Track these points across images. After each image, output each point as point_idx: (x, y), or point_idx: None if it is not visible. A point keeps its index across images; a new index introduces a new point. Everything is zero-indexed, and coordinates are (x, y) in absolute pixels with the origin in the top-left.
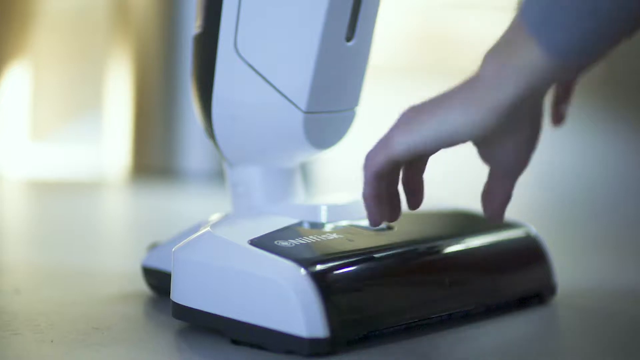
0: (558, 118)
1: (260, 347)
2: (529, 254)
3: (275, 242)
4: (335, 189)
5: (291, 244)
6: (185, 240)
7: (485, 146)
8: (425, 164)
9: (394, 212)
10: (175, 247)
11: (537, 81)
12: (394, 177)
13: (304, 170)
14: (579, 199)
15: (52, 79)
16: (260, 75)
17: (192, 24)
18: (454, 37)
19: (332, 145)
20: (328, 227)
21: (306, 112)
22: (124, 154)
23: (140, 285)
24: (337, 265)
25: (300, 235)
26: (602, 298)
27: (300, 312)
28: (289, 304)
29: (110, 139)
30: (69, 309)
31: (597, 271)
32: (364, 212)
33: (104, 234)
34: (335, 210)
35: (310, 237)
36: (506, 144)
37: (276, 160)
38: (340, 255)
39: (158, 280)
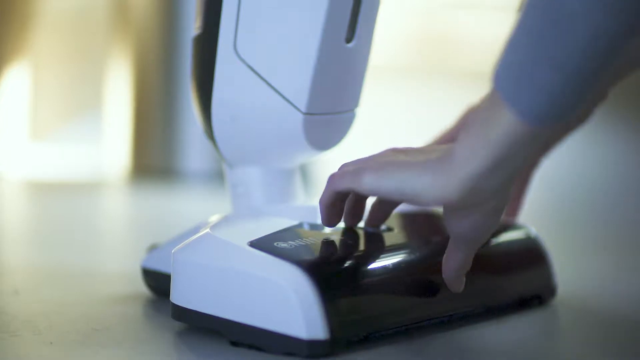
0: (512, 211)
1: (259, 349)
2: (528, 255)
3: (275, 244)
4: None
5: (291, 246)
6: (185, 242)
7: (450, 211)
8: (397, 204)
9: (354, 220)
10: (175, 248)
11: (511, 150)
12: (362, 198)
13: (304, 171)
14: (579, 199)
15: (52, 79)
16: (260, 76)
17: (192, 24)
18: (454, 37)
19: (332, 146)
20: (327, 229)
21: (306, 114)
22: (124, 154)
23: (140, 286)
24: (336, 266)
25: (299, 237)
26: (602, 298)
27: (300, 313)
28: (289, 306)
29: (110, 139)
30: (68, 310)
31: (597, 272)
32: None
33: (104, 234)
34: None
35: (310, 238)
36: (469, 215)
37: (276, 161)
38: (340, 256)
39: (157, 282)
